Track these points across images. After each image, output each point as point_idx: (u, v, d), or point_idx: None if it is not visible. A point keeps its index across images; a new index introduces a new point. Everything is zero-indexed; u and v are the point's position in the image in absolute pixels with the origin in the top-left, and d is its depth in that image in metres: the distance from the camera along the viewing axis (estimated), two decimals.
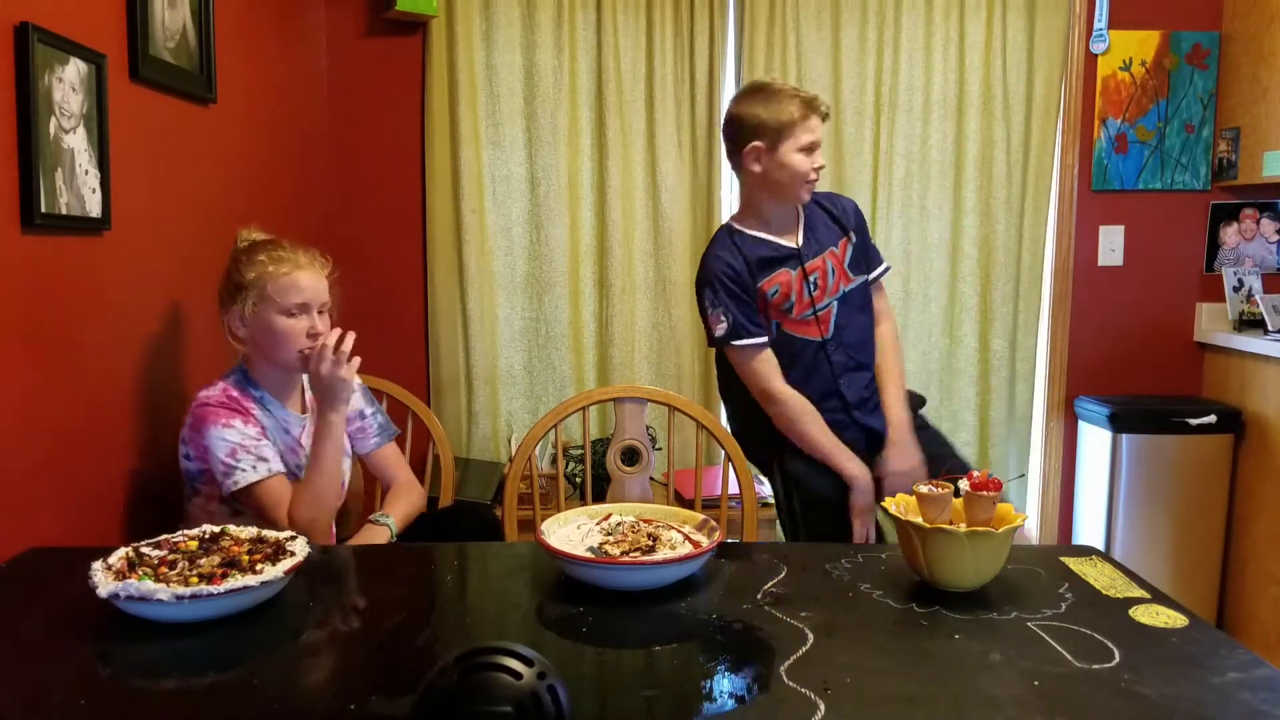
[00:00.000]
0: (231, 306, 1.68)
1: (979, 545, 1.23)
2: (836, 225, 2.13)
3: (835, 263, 2.09)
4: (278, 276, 1.66)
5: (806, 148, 2.02)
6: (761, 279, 2.04)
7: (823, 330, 2.07)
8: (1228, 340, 3.07)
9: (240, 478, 1.59)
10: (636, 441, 2.06)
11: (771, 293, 2.04)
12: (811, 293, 2.06)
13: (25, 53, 1.43)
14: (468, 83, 2.98)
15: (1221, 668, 1.05)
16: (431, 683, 0.81)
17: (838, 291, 2.08)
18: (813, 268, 2.06)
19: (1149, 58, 3.11)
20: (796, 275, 2.05)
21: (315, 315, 1.70)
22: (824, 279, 2.07)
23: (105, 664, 1.08)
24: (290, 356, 1.68)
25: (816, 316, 2.07)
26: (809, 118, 2.01)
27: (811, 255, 2.07)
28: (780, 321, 2.07)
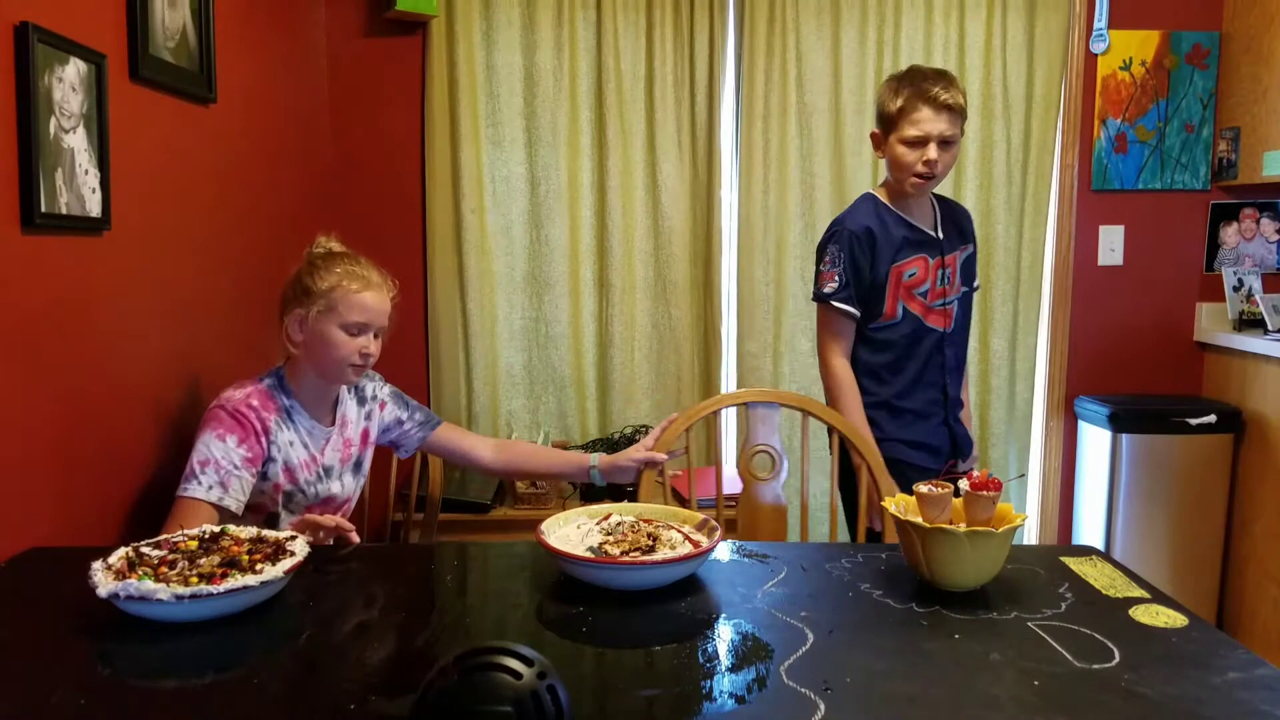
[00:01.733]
0: (295, 309, 1.69)
1: (979, 545, 1.23)
2: (962, 230, 2.13)
3: (958, 264, 2.10)
4: (349, 292, 1.69)
5: (911, 141, 1.95)
6: (901, 259, 2.02)
7: (947, 323, 2.08)
8: (1228, 340, 3.07)
9: (192, 488, 1.57)
10: (769, 447, 2.01)
11: (908, 274, 2.02)
12: (943, 284, 2.05)
13: (25, 52, 1.43)
14: (468, 83, 2.98)
15: (1221, 668, 1.06)
16: (431, 683, 0.81)
17: (959, 291, 2.10)
18: (949, 260, 2.07)
19: (1149, 57, 3.11)
20: (935, 263, 2.04)
21: (371, 336, 1.73)
22: (953, 275, 2.08)
23: (105, 664, 1.08)
24: (342, 371, 1.71)
25: (944, 309, 2.07)
26: (918, 109, 1.92)
27: (948, 249, 2.08)
28: (910, 304, 2.04)
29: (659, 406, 3.14)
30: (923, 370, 2.06)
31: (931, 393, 2.08)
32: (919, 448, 2.07)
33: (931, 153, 1.93)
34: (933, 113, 1.92)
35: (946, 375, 2.09)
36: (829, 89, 3.05)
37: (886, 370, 2.07)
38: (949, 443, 2.10)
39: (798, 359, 3.15)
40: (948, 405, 2.10)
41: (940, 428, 2.10)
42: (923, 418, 2.08)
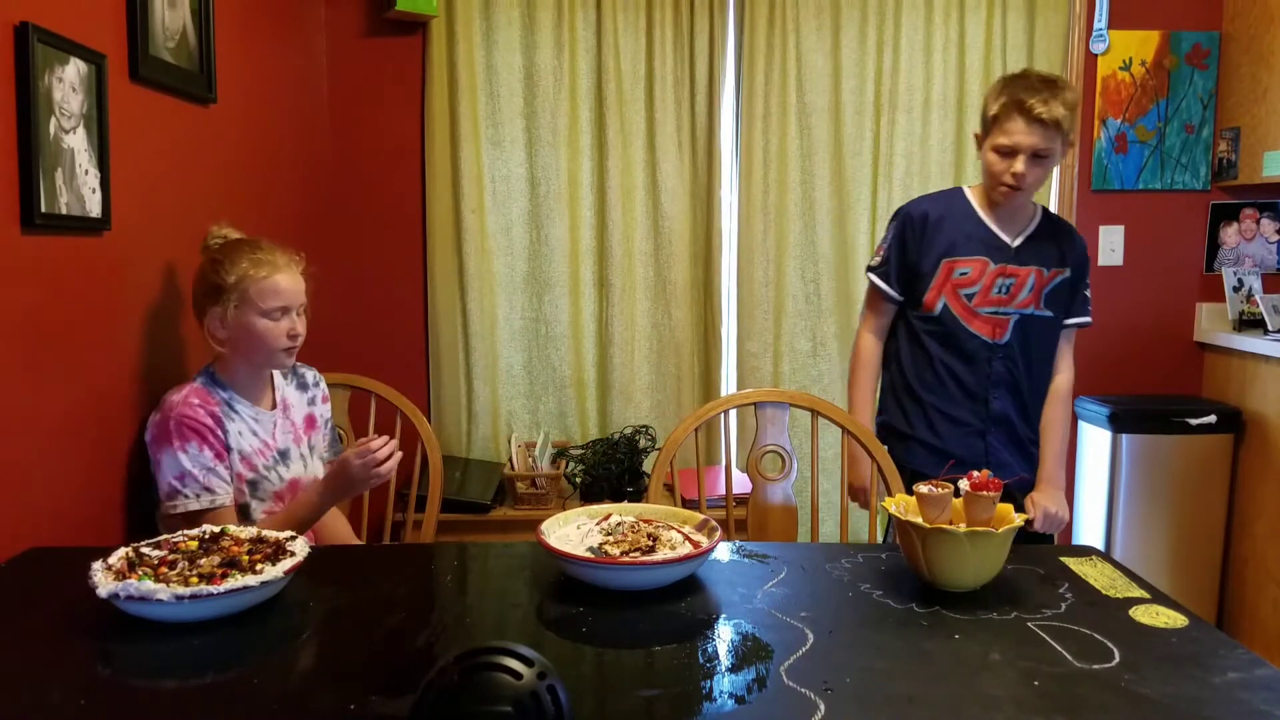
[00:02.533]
0: (211, 309, 1.68)
1: (979, 545, 1.23)
2: (1059, 254, 1.99)
3: (1038, 282, 1.96)
4: (258, 280, 1.67)
5: (1001, 150, 1.88)
6: (956, 254, 1.96)
7: (997, 334, 1.96)
8: (1228, 340, 3.07)
9: (182, 504, 1.59)
10: (779, 448, 2.00)
11: (960, 272, 1.95)
12: (1000, 293, 1.95)
13: (25, 53, 1.43)
14: (468, 83, 2.98)
15: (1221, 668, 1.06)
16: (431, 683, 0.81)
17: (1026, 309, 1.96)
18: (1013, 271, 1.95)
19: (1149, 58, 3.11)
20: (995, 270, 1.95)
21: (294, 316, 1.72)
22: (1018, 289, 1.95)
23: (105, 664, 1.08)
24: (273, 357, 1.71)
25: (995, 318, 1.96)
26: (1012, 118, 1.85)
27: (1020, 261, 1.96)
28: (953, 306, 1.96)
29: (659, 406, 3.14)
30: (960, 374, 1.98)
31: (970, 402, 1.99)
32: (937, 454, 1.98)
33: (1019, 165, 1.85)
34: (1025, 125, 1.83)
35: (993, 387, 1.97)
36: (829, 89, 3.05)
37: (921, 361, 2.02)
38: (981, 458, 1.99)
39: (798, 359, 3.15)
40: (989, 420, 1.99)
41: (974, 440, 1.99)
42: (953, 421, 1.99)
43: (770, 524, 1.99)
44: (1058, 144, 1.86)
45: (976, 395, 1.98)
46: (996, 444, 2.00)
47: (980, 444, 2.00)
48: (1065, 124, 1.84)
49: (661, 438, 3.02)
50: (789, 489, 2.01)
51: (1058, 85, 1.85)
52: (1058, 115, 1.82)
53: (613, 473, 2.87)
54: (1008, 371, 1.98)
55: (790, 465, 2.00)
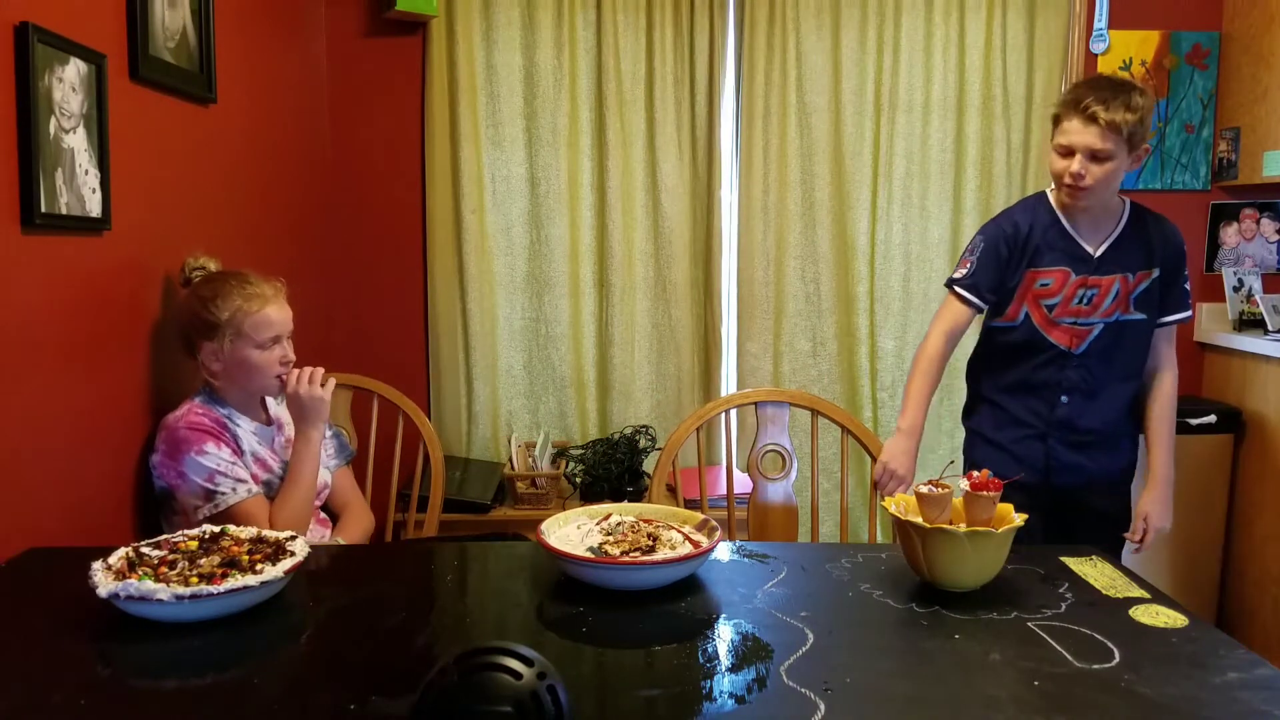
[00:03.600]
0: (205, 344, 1.71)
1: (979, 545, 1.23)
2: (1147, 254, 1.96)
3: (1123, 288, 1.95)
4: (252, 314, 1.71)
5: (1059, 150, 1.88)
6: (1040, 265, 1.95)
7: (1074, 344, 1.95)
8: (1228, 340, 3.07)
9: (221, 500, 1.63)
10: (779, 446, 2.00)
11: (1041, 283, 1.95)
12: (1081, 303, 1.94)
13: (25, 53, 1.43)
14: (468, 83, 2.98)
15: (1221, 668, 1.06)
16: (431, 683, 0.81)
17: (1111, 316, 1.94)
18: (1095, 282, 1.94)
19: (1149, 58, 3.11)
20: (1076, 280, 1.94)
21: (285, 343, 1.77)
22: (1101, 298, 1.94)
23: (105, 664, 1.08)
24: (267, 385, 1.75)
25: (1074, 328, 1.95)
26: (1070, 118, 1.85)
27: (1102, 271, 1.94)
28: (1034, 315, 1.97)
29: (659, 406, 3.14)
30: (1031, 380, 1.99)
31: (1038, 406, 1.99)
32: (1001, 450, 2.00)
33: (1075, 165, 1.84)
34: (1082, 124, 1.83)
35: (1062, 394, 1.97)
36: (829, 89, 3.05)
37: (995, 368, 2.04)
38: (1042, 462, 1.99)
39: (798, 359, 3.15)
40: (1054, 426, 1.98)
41: (1034, 443, 1.99)
42: (1019, 424, 2.00)
43: (771, 523, 1.99)
44: (1119, 147, 1.82)
45: (1045, 399, 1.99)
46: (1058, 447, 1.99)
47: (1040, 447, 1.99)
48: (1127, 128, 1.81)
49: (661, 438, 3.03)
50: (789, 488, 2.01)
51: (1124, 88, 1.84)
52: (1115, 119, 1.80)
53: (613, 473, 2.87)
54: (1081, 379, 1.97)
55: (790, 464, 2.00)
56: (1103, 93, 1.82)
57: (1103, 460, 2.00)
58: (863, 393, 3.15)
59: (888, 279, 3.14)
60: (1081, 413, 1.97)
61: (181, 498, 1.64)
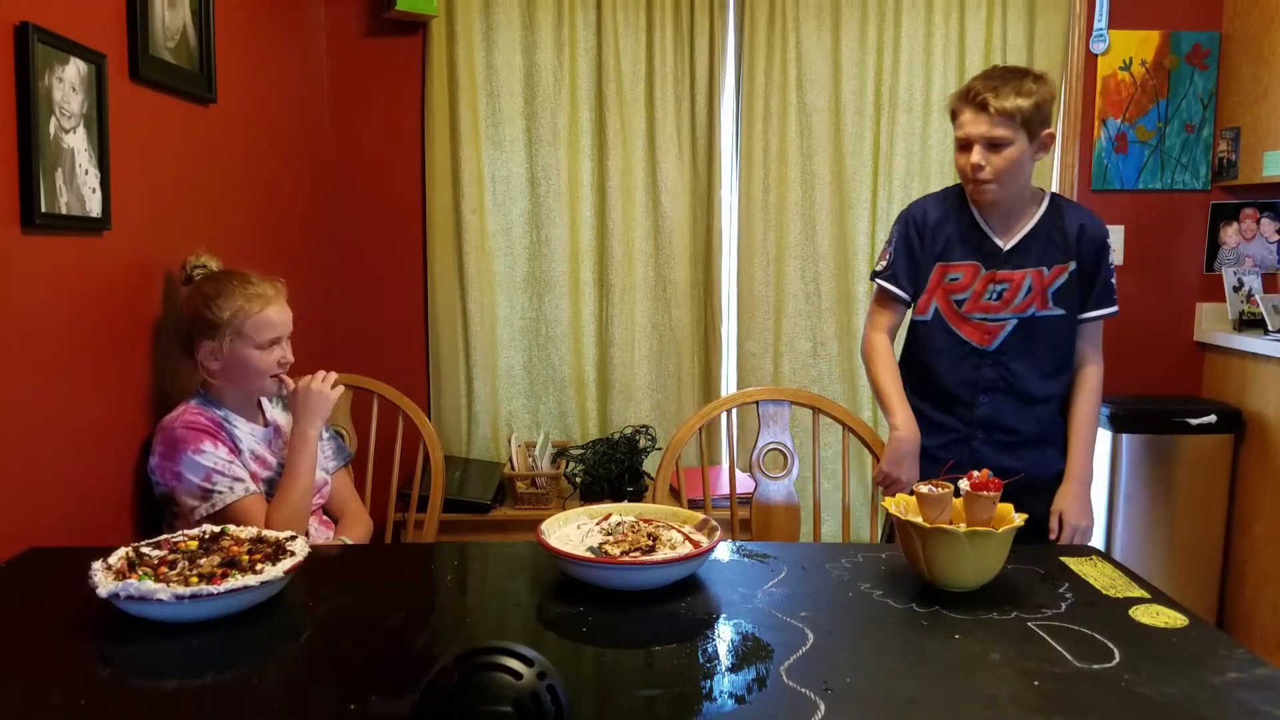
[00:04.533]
0: (205, 342, 1.71)
1: (979, 545, 1.23)
2: (1063, 247, 1.90)
3: (1037, 283, 1.90)
4: (253, 315, 1.71)
5: (959, 143, 1.86)
6: (949, 259, 1.93)
7: (986, 341, 1.92)
8: (1228, 340, 3.07)
9: (218, 499, 1.63)
10: (781, 445, 1.99)
11: (950, 277, 1.93)
12: (991, 299, 1.91)
13: (25, 53, 1.43)
14: (468, 83, 2.98)
15: (1221, 668, 1.06)
16: (431, 683, 0.81)
17: (1025, 311, 1.90)
18: (1005, 277, 1.90)
19: (1149, 58, 3.11)
20: (985, 275, 1.91)
21: (284, 344, 1.77)
22: (1012, 293, 1.90)
23: (105, 664, 1.08)
24: (263, 385, 1.75)
25: (985, 325, 1.92)
26: (963, 110, 1.83)
27: (1012, 265, 1.90)
28: (944, 310, 1.94)
29: (659, 406, 3.14)
30: (949, 381, 1.95)
31: (958, 408, 1.95)
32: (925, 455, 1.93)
33: (975, 156, 1.81)
34: (973, 114, 1.80)
35: (981, 395, 1.92)
36: (829, 89, 3.05)
37: (916, 371, 2.00)
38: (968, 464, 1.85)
39: (798, 359, 3.15)
40: (976, 427, 1.94)
41: (960, 447, 1.95)
42: (943, 429, 1.96)
43: (773, 523, 1.99)
44: (1016, 134, 1.79)
45: (962, 400, 1.95)
46: (984, 449, 1.94)
47: (965, 449, 1.95)
48: (1021, 115, 1.77)
49: (661, 437, 3.02)
50: (791, 487, 2.01)
51: (1017, 74, 1.81)
52: (1007, 105, 1.77)
53: (613, 473, 2.87)
54: (999, 377, 1.92)
55: (792, 463, 1.99)
56: (993, 81, 1.79)
57: (1033, 462, 1.92)
58: (863, 393, 3.15)
59: None
60: (1004, 413, 1.92)
61: (179, 498, 1.64)
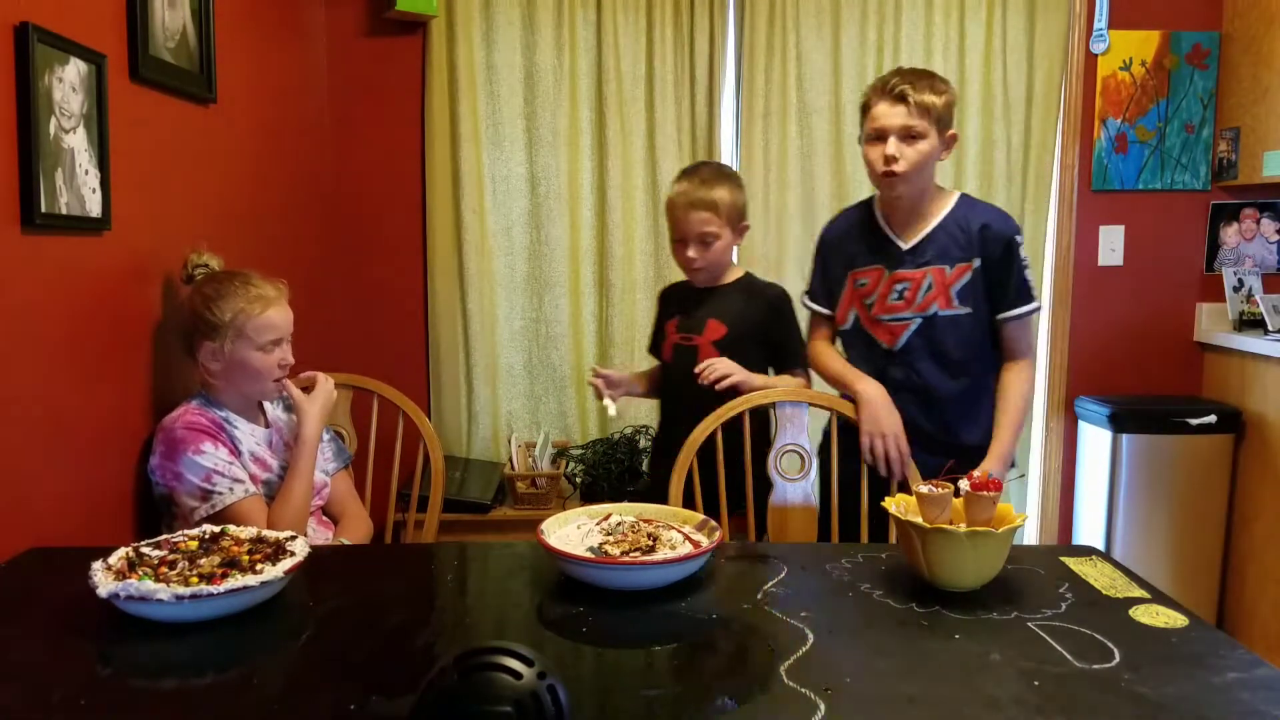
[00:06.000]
0: (206, 343, 1.71)
1: (979, 545, 1.23)
2: (965, 246, 1.92)
3: (939, 281, 1.92)
4: (254, 316, 1.70)
5: (872, 135, 1.88)
6: (858, 266, 2.00)
7: (892, 340, 1.96)
8: (1228, 340, 3.07)
9: (218, 500, 1.62)
10: (798, 446, 1.98)
11: (859, 283, 2.00)
12: (895, 299, 1.94)
13: (25, 53, 1.43)
14: (468, 83, 2.98)
15: (1221, 668, 1.05)
16: (431, 683, 0.81)
17: (927, 310, 1.92)
18: (905, 276, 1.93)
19: (1149, 58, 3.11)
20: (889, 276, 1.95)
21: (285, 346, 1.76)
22: (914, 292, 1.93)
23: (105, 664, 1.08)
24: (263, 388, 1.74)
25: (890, 325, 1.96)
26: (879, 102, 1.86)
27: (913, 264, 1.93)
28: (860, 315, 2.01)
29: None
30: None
31: None
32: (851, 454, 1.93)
33: (890, 147, 1.83)
34: (889, 105, 1.84)
35: (891, 394, 1.91)
36: (829, 89, 3.05)
37: None
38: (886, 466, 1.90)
39: None
40: None
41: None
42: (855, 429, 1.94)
43: (790, 524, 1.98)
44: (929, 127, 1.84)
45: None
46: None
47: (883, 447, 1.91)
48: (935, 110, 1.83)
49: None
50: (809, 489, 2.00)
51: (928, 73, 1.88)
52: (924, 99, 1.82)
53: (613, 473, 2.87)
54: (906, 377, 1.95)
55: (809, 465, 1.98)
56: (908, 76, 1.86)
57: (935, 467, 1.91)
58: None
59: None
60: (910, 412, 1.92)
61: (178, 499, 1.63)
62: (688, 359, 2.05)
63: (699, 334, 2.08)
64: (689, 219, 2.02)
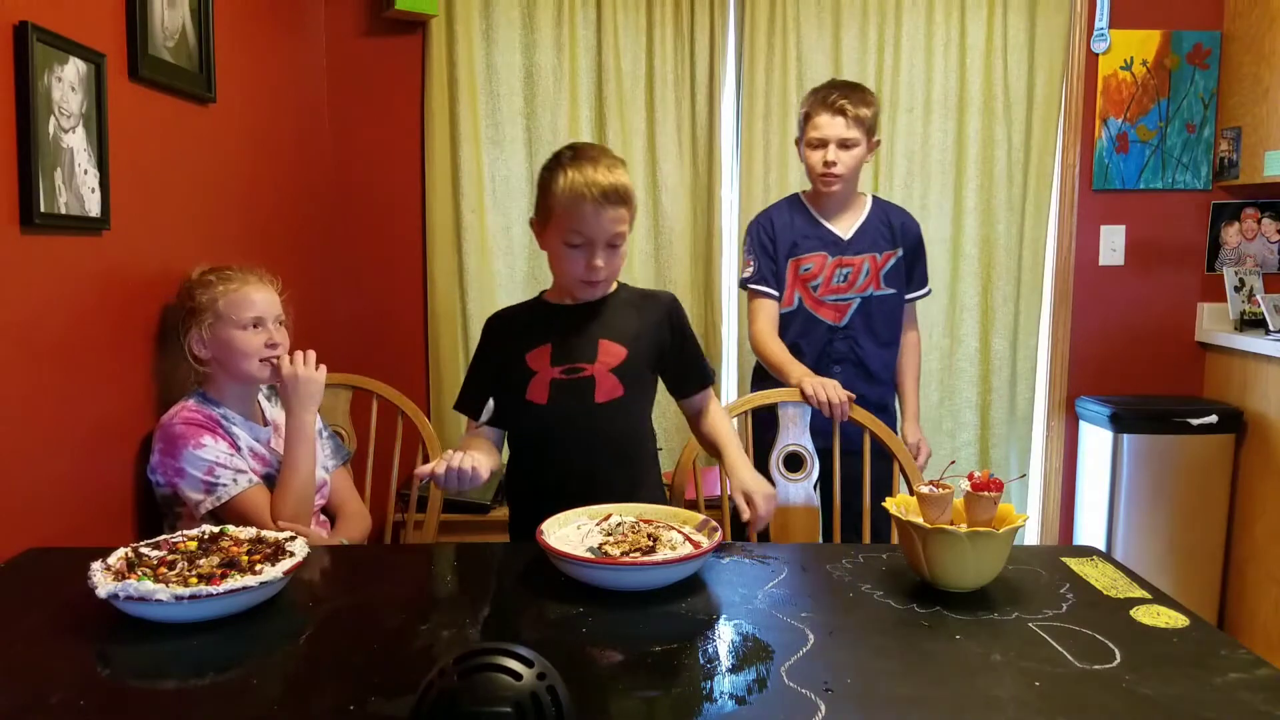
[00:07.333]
0: (190, 331, 1.73)
1: (980, 546, 1.23)
2: (890, 237, 2.28)
3: (873, 267, 2.26)
4: (228, 294, 1.73)
5: (813, 143, 2.18)
6: (799, 253, 2.26)
7: (838, 318, 2.25)
8: (1229, 340, 3.06)
9: (223, 493, 1.63)
10: (800, 447, 2.00)
11: (804, 268, 2.25)
12: (838, 281, 2.23)
13: (25, 52, 1.42)
14: (468, 83, 2.98)
15: (1222, 668, 1.05)
16: (431, 683, 0.81)
17: (865, 291, 2.25)
18: (848, 261, 2.24)
19: (1150, 57, 3.11)
20: (832, 262, 2.24)
21: (271, 327, 1.76)
22: (855, 275, 2.25)
23: (105, 664, 1.08)
24: (252, 368, 1.74)
25: (836, 304, 2.25)
26: (821, 114, 2.16)
27: (853, 251, 2.25)
28: (804, 297, 2.26)
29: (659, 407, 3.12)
30: (816, 360, 2.23)
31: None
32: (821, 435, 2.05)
33: (830, 154, 2.15)
34: (830, 117, 2.14)
35: (834, 364, 2.23)
36: None
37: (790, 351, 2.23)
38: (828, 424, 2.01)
39: None
40: None
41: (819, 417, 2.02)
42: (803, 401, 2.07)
43: (792, 524, 1.98)
44: (861, 136, 2.17)
45: (820, 372, 2.16)
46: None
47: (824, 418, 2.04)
48: (867, 121, 2.17)
49: (661, 438, 3.02)
50: (810, 489, 2.00)
51: (860, 88, 2.20)
52: (860, 112, 2.15)
53: None
54: (849, 349, 2.26)
55: (812, 465, 1.99)
56: (845, 90, 2.17)
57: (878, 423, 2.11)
58: None
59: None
60: (854, 381, 2.18)
61: (183, 494, 1.63)
62: (577, 396, 1.64)
63: (590, 361, 1.65)
64: (600, 219, 1.56)
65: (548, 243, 1.64)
